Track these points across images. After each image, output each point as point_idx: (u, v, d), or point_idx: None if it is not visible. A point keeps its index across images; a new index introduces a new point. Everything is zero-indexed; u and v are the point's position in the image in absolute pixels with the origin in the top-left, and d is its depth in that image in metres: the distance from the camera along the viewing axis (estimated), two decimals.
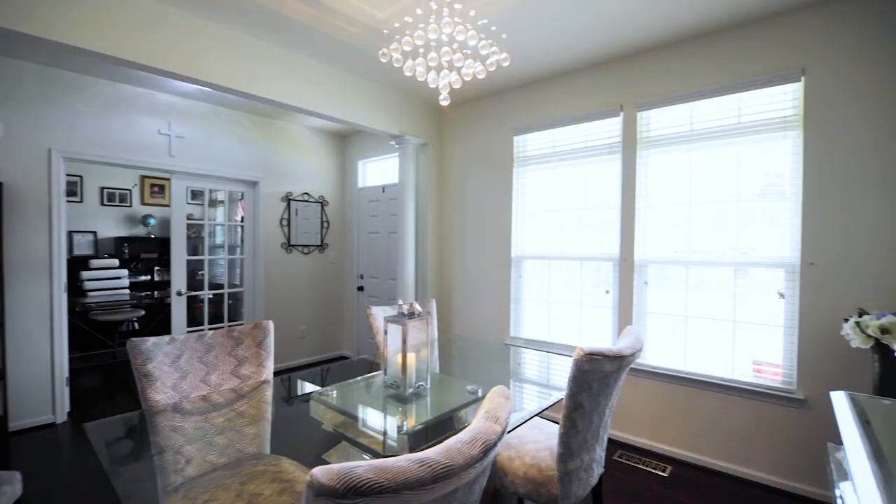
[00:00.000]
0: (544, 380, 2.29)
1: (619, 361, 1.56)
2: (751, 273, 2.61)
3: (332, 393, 1.76)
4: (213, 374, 1.83)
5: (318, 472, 0.66)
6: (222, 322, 4.52)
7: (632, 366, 1.86)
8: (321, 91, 3.23)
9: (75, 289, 4.90)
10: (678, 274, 2.86)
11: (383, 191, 4.77)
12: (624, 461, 2.78)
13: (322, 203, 5.06)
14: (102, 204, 5.67)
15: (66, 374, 3.38)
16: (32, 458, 2.77)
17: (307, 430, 1.64)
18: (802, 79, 2.38)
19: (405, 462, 0.73)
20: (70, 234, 5.23)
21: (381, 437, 1.51)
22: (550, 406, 1.77)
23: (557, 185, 3.43)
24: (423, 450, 0.80)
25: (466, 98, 3.87)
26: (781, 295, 2.49)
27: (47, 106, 3.27)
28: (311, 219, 4.96)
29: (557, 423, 1.96)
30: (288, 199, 4.74)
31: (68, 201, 4.19)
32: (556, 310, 3.46)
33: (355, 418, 1.64)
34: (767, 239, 2.56)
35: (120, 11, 2.29)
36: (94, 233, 5.58)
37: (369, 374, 2.11)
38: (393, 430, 1.56)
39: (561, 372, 2.31)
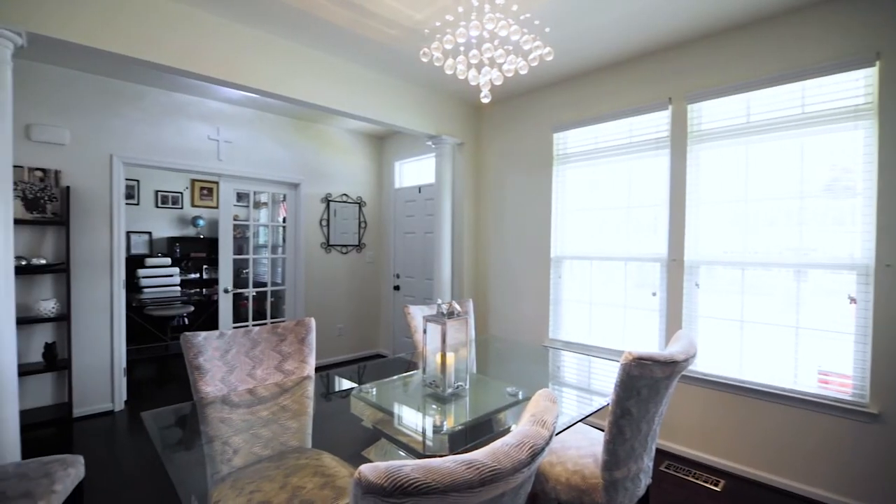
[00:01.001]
0: (585, 384, 2.21)
1: (670, 367, 1.47)
2: (814, 275, 2.42)
3: (372, 390, 1.77)
4: (258, 369, 1.88)
5: (366, 469, 0.65)
6: (265, 319, 4.67)
7: (683, 372, 1.76)
8: (360, 94, 3.28)
9: (132, 285, 5.21)
10: (733, 275, 2.70)
11: (419, 191, 4.78)
12: (672, 472, 2.64)
13: (360, 204, 5.14)
14: (157, 206, 6.02)
15: (123, 365, 3.59)
16: (93, 443, 2.95)
17: (346, 425, 1.65)
18: (877, 63, 2.18)
19: (452, 463, 0.71)
20: (128, 234, 5.57)
21: (420, 437, 1.50)
22: (595, 412, 1.70)
23: (599, 183, 3.32)
24: (463, 451, 0.77)
25: (504, 96, 3.82)
26: (852, 299, 2.29)
27: (109, 115, 3.49)
28: (349, 219, 5.05)
29: (601, 429, 1.89)
30: (327, 200, 4.85)
31: (127, 204, 4.45)
32: (598, 312, 3.34)
33: (395, 416, 1.64)
34: (834, 239, 2.36)
35: (172, 24, 2.41)
36: (150, 233, 5.93)
37: (407, 373, 2.10)
38: (433, 429, 1.55)
39: (602, 376, 2.22)
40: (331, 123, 4.78)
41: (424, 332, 1.72)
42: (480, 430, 1.52)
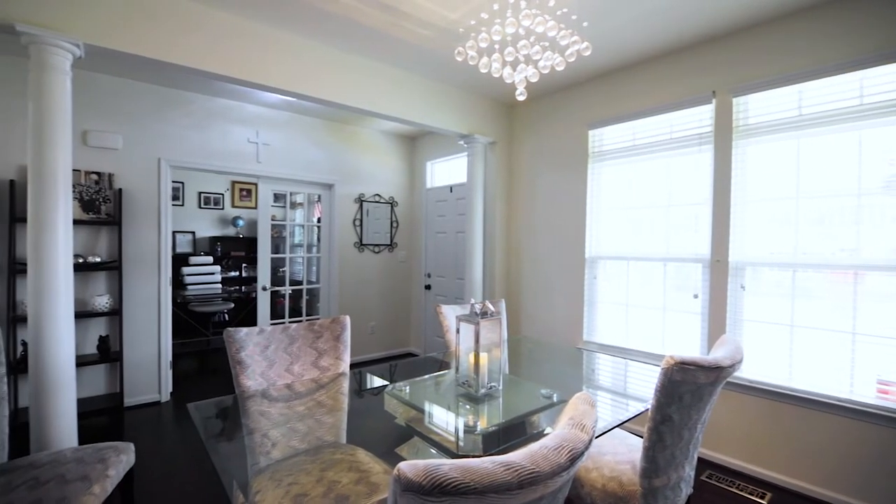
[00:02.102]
0: (620, 388, 2.15)
1: (715, 373, 1.41)
2: (872, 278, 2.25)
3: (406, 388, 1.78)
4: (296, 365, 1.93)
5: (405, 466, 0.65)
6: (301, 316, 4.80)
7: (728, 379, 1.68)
8: (393, 95, 3.31)
9: (177, 282, 5.47)
10: (781, 277, 2.55)
11: (451, 191, 4.79)
12: (714, 483, 2.53)
13: (392, 204, 5.20)
14: (200, 207, 6.29)
15: (169, 358, 3.77)
16: (142, 431, 3.12)
17: (379, 422, 1.67)
18: None
19: (490, 464, 0.70)
20: (174, 233, 5.85)
21: (453, 436, 1.49)
22: (633, 417, 1.65)
23: (637, 181, 3.22)
24: (497, 453, 0.76)
25: (538, 94, 3.77)
26: None
27: (157, 120, 3.68)
28: (381, 219, 5.11)
29: (639, 435, 1.83)
30: (360, 201, 4.93)
31: (173, 205, 4.67)
32: (635, 314, 3.24)
33: (428, 415, 1.64)
34: (895, 239, 2.19)
35: (219, 33, 2.51)
36: (193, 233, 6.20)
37: (439, 373, 2.11)
38: (466, 429, 1.54)
39: (639, 380, 2.16)
40: (364, 125, 4.85)
41: (457, 331, 1.72)
42: (514, 432, 1.50)
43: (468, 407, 1.64)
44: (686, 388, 1.40)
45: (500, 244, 4.06)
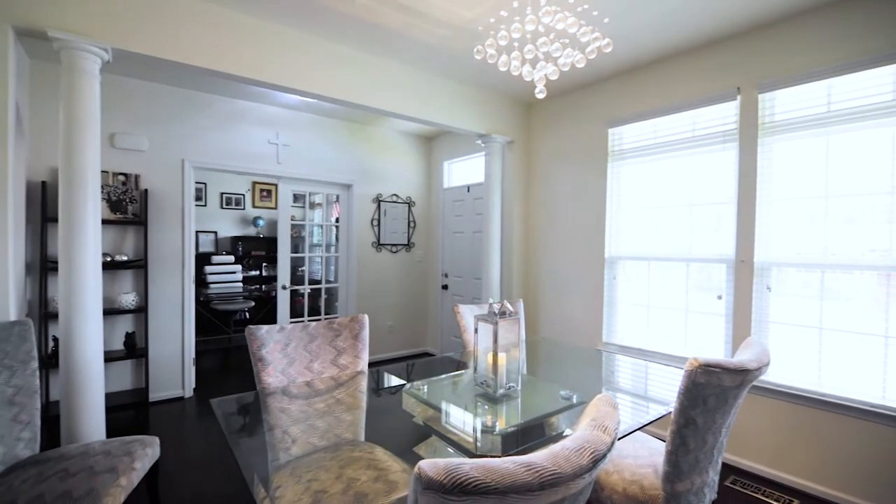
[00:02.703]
0: (641, 390, 2.11)
1: (741, 376, 1.37)
2: None
3: (424, 388, 1.78)
4: (315, 362, 1.95)
5: (425, 465, 0.65)
6: (319, 315, 4.86)
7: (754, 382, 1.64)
8: (410, 95, 3.32)
9: (200, 281, 5.59)
10: (808, 278, 2.47)
11: (468, 190, 4.78)
12: (739, 489, 2.46)
13: (409, 204, 5.22)
14: (221, 207, 6.42)
15: (192, 355, 3.85)
16: (166, 426, 3.20)
17: (397, 421, 1.68)
18: None
19: (511, 464, 0.69)
20: (197, 233, 5.98)
21: (471, 436, 1.49)
22: (656, 420, 1.61)
23: (658, 180, 3.16)
24: (516, 454, 0.75)
25: (556, 92, 3.73)
26: None
27: (180, 122, 3.77)
28: (398, 219, 5.14)
29: (660, 439, 1.79)
30: (378, 201, 4.96)
31: (196, 205, 4.79)
32: (656, 315, 3.18)
33: (446, 414, 1.64)
34: None
35: (241, 35, 2.56)
36: (215, 232, 6.33)
37: (457, 372, 2.10)
38: (486, 430, 1.53)
39: (660, 383, 2.11)
40: (382, 125, 4.88)
41: (476, 331, 1.71)
42: (532, 433, 1.49)
43: (486, 407, 1.63)
44: (710, 391, 1.37)
45: (518, 244, 4.04)
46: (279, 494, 1.25)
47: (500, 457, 1.33)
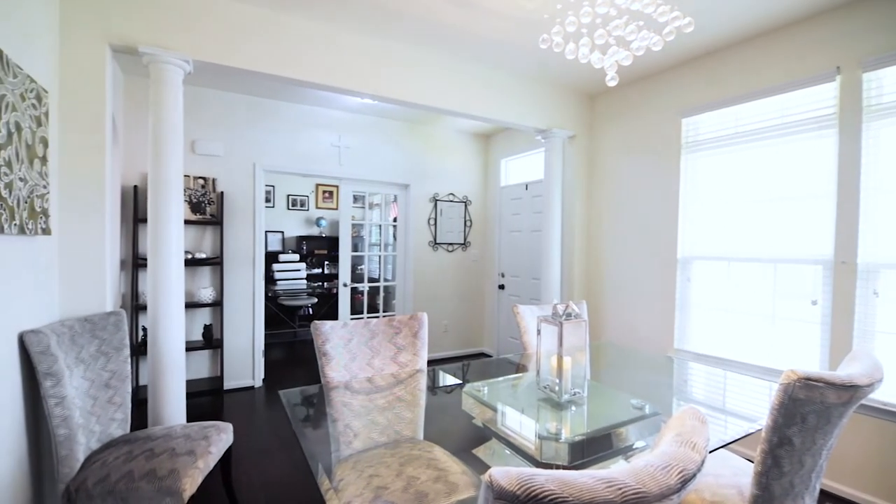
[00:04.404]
0: (718, 403, 1.92)
1: (848, 393, 1.20)
2: None
3: (484, 389, 1.74)
4: (376, 359, 1.98)
5: (497, 473, 0.60)
6: (377, 312, 4.97)
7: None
8: (470, 92, 3.29)
9: (268, 278, 5.93)
10: None
11: (526, 188, 4.67)
12: None
13: (465, 202, 5.20)
14: (288, 208, 6.77)
15: (261, 347, 4.08)
16: (238, 413, 3.40)
17: (455, 421, 1.65)
18: None
19: (590, 479, 0.63)
20: (266, 233, 6.35)
21: (533, 442, 1.42)
22: (743, 437, 1.46)
23: (740, 172, 2.88)
24: (581, 465, 0.68)
25: (623, 81, 3.53)
26: None
27: (252, 128, 4.00)
28: (454, 218, 5.13)
29: (746, 458, 1.62)
30: (435, 200, 4.99)
31: (265, 206, 5.07)
32: (737, 321, 2.91)
33: (508, 418, 1.59)
34: None
35: (313, 43, 2.66)
36: (282, 232, 6.69)
37: (517, 375, 2.04)
38: (550, 437, 1.46)
39: (741, 396, 1.92)
40: (438, 125, 4.90)
41: (538, 332, 1.64)
42: (599, 444, 1.39)
43: (550, 413, 1.56)
44: (811, 407, 1.21)
45: (580, 243, 3.88)
46: (342, 487, 1.26)
47: (567, 467, 1.25)
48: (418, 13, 2.55)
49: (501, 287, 5.03)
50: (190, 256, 3.63)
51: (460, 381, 2.02)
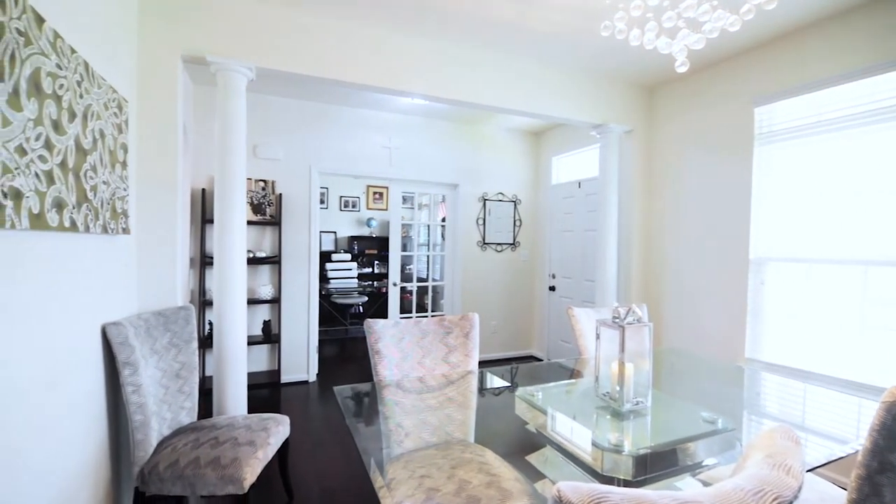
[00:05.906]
0: (797, 419, 1.74)
1: None
2: None
3: (538, 394, 1.68)
4: (427, 358, 1.97)
5: (566, 488, 0.56)
6: (425, 311, 4.99)
7: None
8: (522, 88, 3.21)
9: (322, 276, 6.13)
10: None
11: (579, 186, 4.51)
12: None
13: (515, 202, 5.10)
14: (340, 209, 6.98)
15: (315, 343, 4.22)
16: (294, 406, 3.53)
17: (507, 425, 1.60)
18: None
19: (670, 500, 0.57)
20: (320, 233, 6.57)
21: (592, 453, 1.35)
22: (835, 461, 1.30)
23: (822, 165, 2.61)
24: (643, 482, 0.62)
25: (686, 70, 3.31)
26: None
27: (307, 132, 4.15)
28: (503, 217, 5.05)
29: (839, 486, 1.44)
30: (483, 199, 4.94)
31: (319, 207, 5.25)
32: (819, 329, 2.63)
33: (562, 425, 1.52)
34: None
35: (357, 45, 2.71)
36: (335, 232, 6.90)
37: (572, 380, 1.95)
38: (611, 448, 1.38)
39: (824, 412, 1.73)
40: (487, 124, 4.85)
41: (597, 336, 1.56)
42: (665, 459, 1.29)
43: (610, 422, 1.47)
44: None
45: (638, 242, 3.68)
46: (394, 485, 1.25)
47: (631, 483, 1.17)
48: (472, 11, 2.52)
49: (552, 288, 4.89)
50: (251, 255, 3.82)
51: (508, 384, 1.97)
